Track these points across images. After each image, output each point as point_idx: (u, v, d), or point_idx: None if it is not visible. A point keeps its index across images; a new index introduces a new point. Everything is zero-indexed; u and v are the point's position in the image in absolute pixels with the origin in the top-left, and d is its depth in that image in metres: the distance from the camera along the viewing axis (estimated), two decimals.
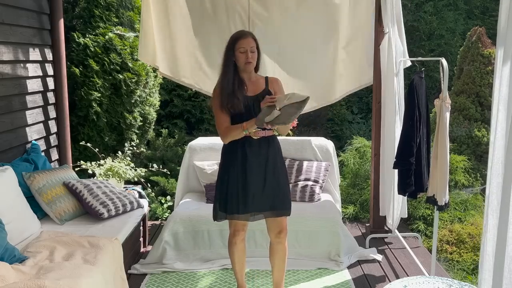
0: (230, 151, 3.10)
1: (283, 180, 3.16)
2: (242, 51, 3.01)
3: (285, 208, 3.15)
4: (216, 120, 3.12)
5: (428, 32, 7.81)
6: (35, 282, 2.37)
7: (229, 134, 3.04)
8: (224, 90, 3.03)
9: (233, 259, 3.31)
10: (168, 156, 6.08)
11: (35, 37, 4.33)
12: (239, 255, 3.28)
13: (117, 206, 3.83)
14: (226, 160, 3.13)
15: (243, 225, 3.21)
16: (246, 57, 3.01)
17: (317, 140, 4.75)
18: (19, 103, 4.06)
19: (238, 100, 3.00)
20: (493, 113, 1.68)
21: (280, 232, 3.18)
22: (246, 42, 3.01)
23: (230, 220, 3.19)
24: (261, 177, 3.08)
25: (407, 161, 3.67)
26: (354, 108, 8.05)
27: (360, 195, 5.41)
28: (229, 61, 3.05)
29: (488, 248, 1.70)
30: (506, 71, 1.64)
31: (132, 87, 5.46)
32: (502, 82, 1.64)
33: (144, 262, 3.98)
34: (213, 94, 3.13)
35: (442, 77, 3.34)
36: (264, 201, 3.09)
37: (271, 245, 3.26)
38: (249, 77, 3.12)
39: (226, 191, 3.08)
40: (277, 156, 3.15)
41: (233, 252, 3.27)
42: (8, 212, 3.13)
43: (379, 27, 4.28)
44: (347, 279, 3.72)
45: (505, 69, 1.64)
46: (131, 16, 5.63)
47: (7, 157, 3.81)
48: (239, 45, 3.01)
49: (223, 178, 3.11)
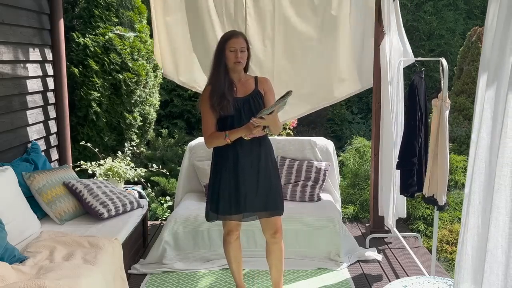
0: (221, 151, 3.08)
1: (275, 180, 3.14)
2: (232, 50, 2.99)
3: (278, 208, 3.14)
4: (202, 122, 3.09)
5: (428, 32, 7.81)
6: (35, 282, 2.37)
7: (212, 142, 3.05)
8: (214, 92, 3.01)
9: (229, 258, 3.32)
10: (168, 156, 6.08)
11: (35, 37, 4.33)
12: (235, 253, 3.29)
13: (117, 206, 3.83)
14: (218, 160, 3.12)
15: (237, 225, 3.21)
16: (236, 57, 2.99)
17: (317, 140, 4.75)
18: (19, 103, 4.06)
19: (228, 102, 2.98)
20: (476, 111, 1.69)
21: (276, 232, 3.17)
22: (236, 42, 2.99)
23: (223, 220, 3.19)
24: (254, 177, 3.06)
25: (410, 161, 3.67)
26: (354, 108, 8.05)
27: (360, 195, 5.41)
28: (219, 62, 3.03)
29: (468, 247, 1.70)
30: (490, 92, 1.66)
31: (132, 87, 5.46)
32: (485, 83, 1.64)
33: (144, 262, 3.98)
34: (203, 95, 3.10)
35: (442, 77, 3.34)
36: (256, 202, 3.08)
37: (267, 245, 3.25)
38: (238, 78, 3.10)
39: (218, 191, 3.06)
40: (268, 156, 3.13)
41: (229, 250, 3.28)
42: (8, 212, 3.13)
43: (379, 27, 4.28)
44: (347, 279, 3.72)
45: (490, 92, 1.65)
46: (131, 16, 5.63)
47: (7, 157, 3.80)
48: (229, 45, 2.99)
49: (215, 179, 3.10)
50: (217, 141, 3.03)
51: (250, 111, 3.02)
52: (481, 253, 1.67)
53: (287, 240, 4.00)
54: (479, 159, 1.65)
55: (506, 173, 1.52)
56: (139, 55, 5.51)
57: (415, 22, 7.72)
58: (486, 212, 1.65)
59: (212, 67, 3.08)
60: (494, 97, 1.61)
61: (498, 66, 1.59)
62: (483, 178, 1.65)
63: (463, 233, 1.71)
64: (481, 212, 1.67)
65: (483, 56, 1.68)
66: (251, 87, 3.10)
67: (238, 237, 3.28)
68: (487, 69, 1.64)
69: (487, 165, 1.64)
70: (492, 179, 1.61)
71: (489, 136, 1.63)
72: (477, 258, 1.69)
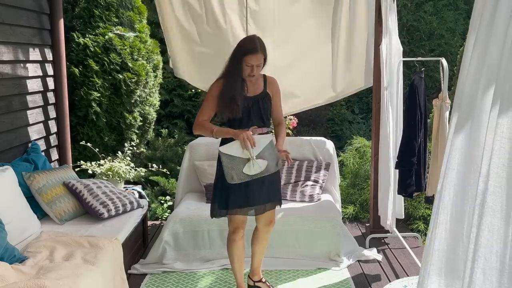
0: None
1: (277, 175, 3.25)
2: (248, 65, 3.03)
3: (279, 199, 3.30)
4: (200, 108, 3.19)
5: (428, 32, 7.80)
6: (35, 282, 2.37)
7: (199, 130, 3.15)
8: (223, 95, 3.07)
9: (232, 258, 3.33)
10: (168, 156, 6.08)
11: (35, 37, 4.33)
12: (239, 253, 3.31)
13: (117, 206, 3.83)
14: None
15: (243, 222, 3.25)
16: (251, 71, 3.04)
17: (317, 140, 4.75)
18: (19, 103, 4.06)
19: (237, 106, 3.04)
20: (454, 106, 1.71)
21: (270, 222, 3.33)
22: (254, 59, 3.02)
23: (230, 216, 3.22)
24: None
25: (409, 161, 3.67)
26: (354, 108, 8.05)
27: (360, 195, 5.40)
28: (234, 71, 3.06)
29: (436, 244, 1.70)
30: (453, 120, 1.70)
31: (132, 87, 5.46)
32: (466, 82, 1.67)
33: (144, 262, 3.98)
34: (212, 90, 3.15)
35: (442, 77, 3.34)
36: (262, 195, 3.17)
37: (258, 233, 3.36)
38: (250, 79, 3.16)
39: (228, 186, 3.08)
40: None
41: (233, 250, 3.29)
42: (8, 212, 3.12)
43: (379, 27, 4.28)
44: (347, 279, 3.72)
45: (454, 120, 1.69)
46: (131, 16, 5.63)
47: (7, 157, 3.80)
48: (247, 60, 3.01)
49: (223, 176, 3.12)
50: (203, 131, 3.14)
51: (259, 111, 3.12)
52: (449, 249, 1.68)
53: (287, 240, 4.01)
54: (453, 155, 1.67)
55: (502, 175, 1.51)
56: (139, 55, 5.51)
57: (415, 22, 7.71)
58: (457, 207, 1.66)
59: (226, 71, 3.12)
60: (470, 99, 1.64)
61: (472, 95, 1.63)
62: (455, 174, 1.67)
63: (432, 229, 1.73)
64: (450, 208, 1.68)
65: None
66: (261, 87, 3.19)
67: (243, 236, 3.31)
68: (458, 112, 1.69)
69: (460, 161, 1.66)
70: (465, 177, 1.63)
71: (463, 134, 1.65)
72: (443, 253, 1.70)
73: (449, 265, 1.70)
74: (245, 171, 2.94)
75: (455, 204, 1.68)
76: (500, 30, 1.53)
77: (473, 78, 1.63)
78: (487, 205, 1.51)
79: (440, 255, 1.71)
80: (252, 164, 2.94)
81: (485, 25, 1.59)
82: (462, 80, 1.67)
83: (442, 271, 1.72)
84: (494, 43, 1.56)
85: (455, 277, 1.68)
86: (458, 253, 1.67)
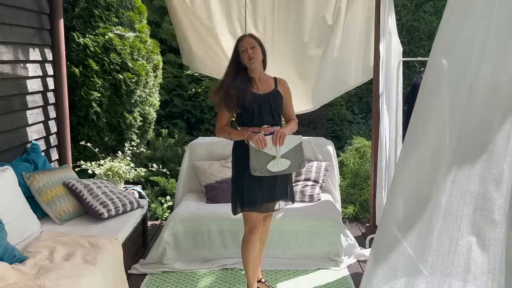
0: (242, 147, 3.17)
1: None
2: (242, 50, 3.17)
3: (292, 197, 3.42)
4: (218, 114, 3.34)
5: (428, 32, 7.80)
6: (35, 282, 2.37)
7: (220, 135, 3.28)
8: (220, 88, 3.21)
9: (248, 260, 3.24)
10: (168, 156, 6.08)
11: (35, 37, 4.33)
12: (255, 255, 3.26)
13: (117, 206, 3.83)
14: (241, 155, 3.19)
15: (260, 221, 3.26)
16: (248, 54, 3.15)
17: (317, 140, 4.75)
18: (19, 103, 4.06)
19: (232, 101, 3.13)
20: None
21: (270, 215, 3.44)
22: (245, 41, 3.20)
23: (247, 216, 3.21)
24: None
25: None
26: (354, 108, 8.04)
27: (360, 195, 5.41)
28: (232, 62, 3.23)
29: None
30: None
31: (132, 87, 5.46)
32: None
33: (144, 262, 3.98)
34: (213, 91, 3.33)
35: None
36: (280, 190, 3.28)
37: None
38: (258, 77, 3.27)
39: (254, 182, 3.14)
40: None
41: (249, 251, 3.22)
42: (8, 212, 3.12)
43: (379, 27, 4.28)
44: (347, 279, 3.73)
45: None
46: (131, 16, 5.63)
47: (7, 157, 3.80)
48: (239, 46, 3.20)
49: (245, 172, 3.14)
50: (223, 135, 3.26)
51: (270, 107, 3.20)
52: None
53: (287, 240, 4.01)
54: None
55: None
56: (139, 55, 5.51)
57: (415, 22, 7.71)
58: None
59: (226, 68, 3.27)
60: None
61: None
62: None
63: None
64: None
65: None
66: (271, 86, 3.28)
67: (259, 238, 3.30)
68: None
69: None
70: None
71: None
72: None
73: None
74: (268, 167, 3.07)
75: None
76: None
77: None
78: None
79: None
80: (276, 162, 3.08)
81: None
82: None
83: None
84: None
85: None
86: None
